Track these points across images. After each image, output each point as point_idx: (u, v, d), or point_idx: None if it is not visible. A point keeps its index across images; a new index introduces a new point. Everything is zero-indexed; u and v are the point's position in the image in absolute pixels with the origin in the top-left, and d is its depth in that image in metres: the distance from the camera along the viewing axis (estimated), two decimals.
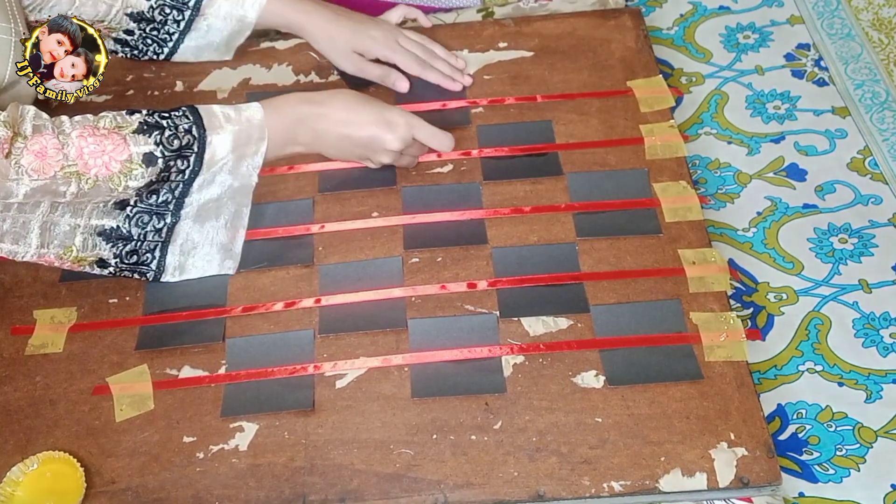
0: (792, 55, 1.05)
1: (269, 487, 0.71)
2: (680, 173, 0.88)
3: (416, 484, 0.71)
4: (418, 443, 0.73)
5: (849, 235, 0.90)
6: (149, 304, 0.82)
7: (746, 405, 0.73)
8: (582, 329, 0.78)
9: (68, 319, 0.81)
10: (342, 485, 0.71)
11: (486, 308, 0.80)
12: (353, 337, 0.79)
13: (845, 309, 0.86)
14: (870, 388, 0.81)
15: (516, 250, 0.83)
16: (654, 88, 0.94)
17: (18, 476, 0.73)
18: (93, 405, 0.76)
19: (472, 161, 0.90)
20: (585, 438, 0.72)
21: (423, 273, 0.82)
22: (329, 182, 0.89)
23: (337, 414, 0.75)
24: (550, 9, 1.06)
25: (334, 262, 0.83)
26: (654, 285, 0.81)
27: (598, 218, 0.85)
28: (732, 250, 0.90)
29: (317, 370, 0.77)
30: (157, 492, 0.72)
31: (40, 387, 0.78)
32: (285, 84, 0.98)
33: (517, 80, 0.96)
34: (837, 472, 0.77)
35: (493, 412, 0.74)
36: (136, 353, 0.79)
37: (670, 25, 1.09)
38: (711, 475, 0.70)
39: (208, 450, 0.73)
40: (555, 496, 0.70)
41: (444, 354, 0.77)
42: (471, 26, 1.01)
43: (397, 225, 0.86)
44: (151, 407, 0.76)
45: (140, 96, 0.97)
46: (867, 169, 0.95)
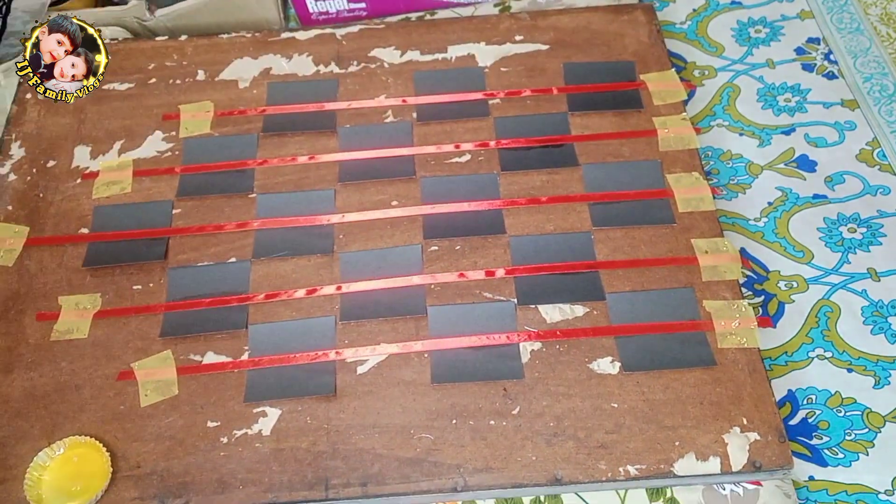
0: (802, 49, 1.06)
1: (293, 471, 0.72)
2: (692, 164, 0.89)
3: (437, 468, 0.72)
4: (438, 428, 0.74)
5: (858, 225, 0.91)
6: (172, 291, 0.82)
7: (758, 391, 0.75)
8: (598, 316, 0.79)
9: (93, 305, 0.82)
10: (364, 469, 0.72)
11: (503, 295, 0.81)
12: (373, 323, 0.80)
13: (854, 297, 0.87)
14: (878, 375, 0.82)
15: (533, 239, 0.84)
16: (666, 82, 0.95)
17: (45, 461, 0.73)
18: (118, 390, 0.77)
19: (490, 152, 0.91)
20: (602, 423, 0.73)
21: (442, 261, 0.83)
22: (349, 172, 0.90)
23: (358, 399, 0.76)
24: (566, 3, 1.07)
25: (355, 251, 0.84)
26: (668, 274, 0.82)
27: (612, 208, 0.86)
28: (744, 239, 0.91)
29: (338, 356, 0.78)
30: (182, 476, 0.72)
31: (66, 372, 0.78)
32: (305, 74, 0.98)
33: (533, 72, 0.97)
34: (846, 457, 0.78)
35: (511, 398, 0.75)
36: (160, 339, 0.80)
37: (683, 20, 1.10)
38: (725, 459, 0.71)
39: (232, 434, 0.74)
40: (572, 480, 0.71)
41: (463, 341, 0.78)
42: (487, 20, 1.02)
43: (417, 214, 0.86)
44: (176, 392, 0.77)
45: (162, 84, 0.98)
46: (875, 160, 0.95)
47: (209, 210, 0.88)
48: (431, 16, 1.04)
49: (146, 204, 0.89)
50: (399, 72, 0.98)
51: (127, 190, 0.90)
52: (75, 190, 0.90)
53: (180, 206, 0.88)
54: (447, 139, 0.92)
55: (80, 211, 0.88)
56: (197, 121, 0.94)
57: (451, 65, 0.98)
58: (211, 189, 0.89)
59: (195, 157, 0.91)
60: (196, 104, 0.96)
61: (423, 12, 1.09)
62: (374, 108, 0.95)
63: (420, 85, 0.96)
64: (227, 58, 1.00)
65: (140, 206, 0.89)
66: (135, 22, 1.05)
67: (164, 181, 0.90)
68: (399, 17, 1.09)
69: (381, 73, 0.98)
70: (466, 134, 0.92)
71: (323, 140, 0.93)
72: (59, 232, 0.87)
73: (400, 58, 0.99)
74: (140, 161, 0.92)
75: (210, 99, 0.96)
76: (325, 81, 0.97)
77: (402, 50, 1.00)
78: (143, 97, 0.97)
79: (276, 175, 0.90)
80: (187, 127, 0.94)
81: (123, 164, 0.92)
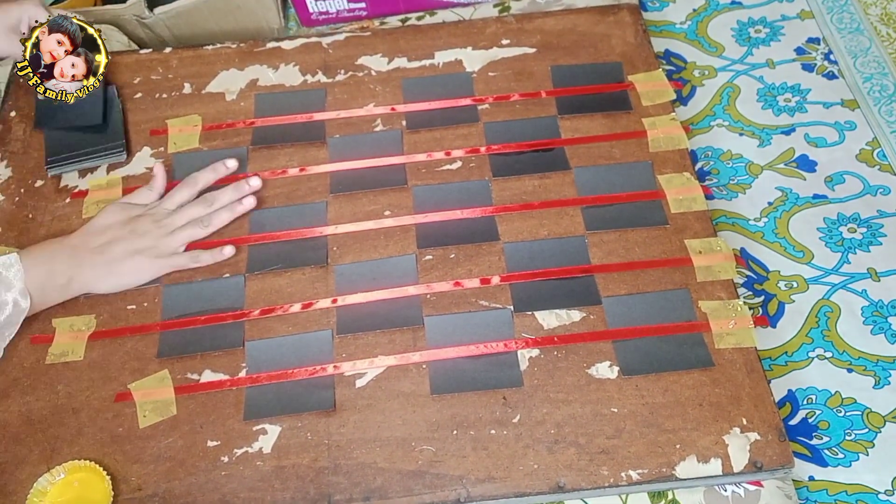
0: (802, 49, 1.06)
1: (295, 489, 0.72)
2: (683, 165, 0.89)
3: (439, 480, 0.72)
4: (439, 439, 0.74)
5: (858, 225, 0.91)
6: (167, 310, 0.82)
7: (757, 390, 0.75)
8: (594, 321, 0.79)
9: (87, 327, 0.81)
10: (366, 483, 0.72)
11: (500, 303, 0.81)
12: (370, 336, 0.79)
13: (854, 297, 0.87)
14: (878, 375, 0.82)
15: (527, 245, 0.84)
16: (654, 82, 0.95)
17: (46, 486, 0.73)
18: (116, 412, 0.77)
19: (481, 158, 0.90)
20: (602, 429, 0.73)
21: (437, 270, 0.83)
22: (340, 183, 0.89)
23: (358, 413, 0.75)
24: (564, 3, 1.07)
25: (349, 262, 0.84)
26: (663, 275, 0.82)
27: (605, 211, 0.86)
28: (744, 240, 0.91)
29: (336, 370, 0.77)
30: (184, 497, 0.72)
31: (62, 395, 0.78)
32: (293, 84, 0.98)
33: (521, 76, 0.96)
34: (846, 457, 0.78)
35: (511, 406, 0.75)
36: (157, 359, 0.79)
37: (683, 20, 1.10)
38: (726, 460, 0.71)
39: (232, 453, 0.74)
40: (575, 487, 0.71)
41: (460, 350, 0.78)
42: (473, 24, 1.01)
43: (410, 224, 0.86)
44: (174, 412, 0.76)
45: (148, 99, 0.97)
46: (875, 160, 0.96)
47: None
48: (431, 16, 1.04)
49: None
50: (387, 79, 0.97)
51: None
52: (65, 210, 0.89)
53: None
54: (437, 146, 0.91)
55: (71, 231, 0.87)
56: (185, 135, 0.94)
57: (438, 71, 0.98)
58: None
59: (185, 172, 0.90)
60: (183, 118, 0.95)
61: (423, 12, 1.09)
62: (363, 116, 0.94)
63: (408, 92, 0.96)
64: (212, 69, 0.99)
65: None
66: (134, 20, 1.04)
67: None
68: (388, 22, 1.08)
69: (368, 81, 0.97)
70: (457, 140, 0.92)
71: (313, 151, 0.92)
72: None
73: (387, 65, 0.99)
74: (129, 178, 0.91)
75: (197, 112, 0.96)
76: (313, 91, 0.97)
77: (389, 57, 0.99)
78: (129, 112, 0.96)
79: (266, 188, 0.89)
80: (175, 142, 0.93)
81: (112, 181, 0.91)
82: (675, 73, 1.04)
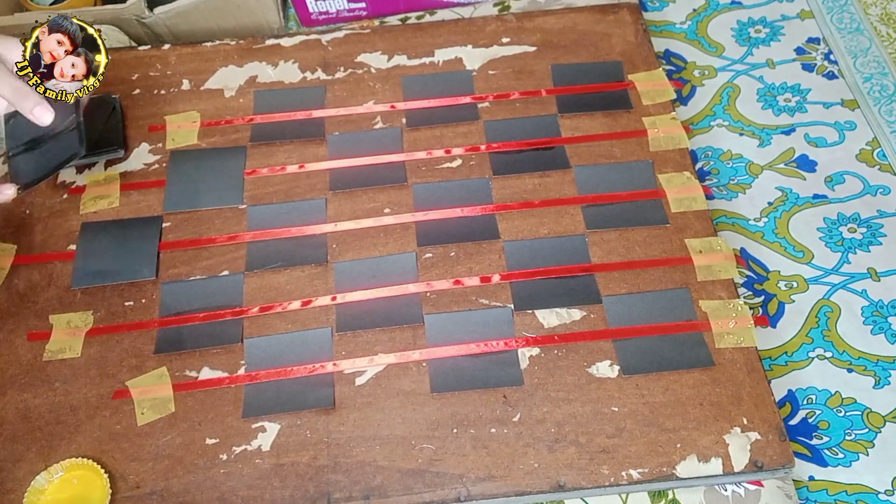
0: (802, 49, 1.06)
1: (294, 487, 0.72)
2: (683, 164, 0.89)
3: (439, 478, 0.72)
4: (439, 437, 0.74)
5: (857, 225, 0.91)
6: (165, 306, 0.81)
7: (757, 390, 0.75)
8: (595, 320, 0.79)
9: (85, 323, 0.81)
10: (366, 482, 0.72)
11: (500, 301, 0.80)
12: (370, 334, 0.79)
13: (854, 297, 0.87)
14: (878, 375, 0.82)
15: (527, 243, 0.84)
16: (654, 81, 0.95)
17: (44, 484, 0.72)
18: (114, 409, 0.76)
19: (481, 156, 0.90)
20: (603, 428, 0.73)
21: (437, 268, 0.83)
22: (340, 181, 0.89)
23: (358, 411, 0.75)
24: (564, 1, 1.07)
25: (349, 260, 0.84)
26: (664, 275, 0.82)
27: (606, 210, 0.86)
28: (744, 240, 0.91)
29: (336, 368, 0.77)
30: (183, 495, 0.72)
31: (60, 392, 0.77)
32: (292, 81, 0.97)
33: (521, 74, 0.96)
34: (847, 457, 0.78)
35: (511, 405, 0.75)
36: (155, 356, 0.79)
37: (683, 20, 1.10)
38: (726, 460, 0.71)
39: (231, 451, 0.74)
40: (575, 486, 0.71)
41: (461, 349, 0.78)
42: (473, 22, 1.01)
43: (410, 222, 0.86)
44: (172, 410, 0.76)
45: (147, 95, 0.97)
46: (875, 160, 0.96)
47: (200, 223, 0.87)
48: (431, 15, 1.03)
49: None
50: (386, 77, 0.97)
51: (115, 204, 0.88)
52: (62, 205, 0.89)
53: (170, 219, 0.87)
54: (437, 144, 0.91)
55: (68, 227, 0.87)
56: (183, 131, 0.93)
57: (438, 68, 0.98)
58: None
59: (183, 169, 0.90)
60: (182, 114, 0.95)
61: (422, 12, 1.09)
62: (363, 114, 0.94)
63: (408, 90, 0.96)
64: (211, 66, 0.99)
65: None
66: (133, 20, 1.03)
67: (153, 194, 0.89)
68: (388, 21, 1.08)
69: (368, 78, 0.97)
70: (457, 138, 0.92)
71: (312, 148, 0.92)
72: (48, 249, 0.86)
73: (387, 62, 0.98)
74: (127, 174, 0.91)
75: (196, 109, 0.95)
76: (313, 88, 0.96)
77: (388, 55, 0.99)
78: (127, 108, 0.95)
79: (266, 185, 0.89)
80: (174, 138, 0.93)
81: (110, 177, 0.90)
82: (675, 73, 1.04)
